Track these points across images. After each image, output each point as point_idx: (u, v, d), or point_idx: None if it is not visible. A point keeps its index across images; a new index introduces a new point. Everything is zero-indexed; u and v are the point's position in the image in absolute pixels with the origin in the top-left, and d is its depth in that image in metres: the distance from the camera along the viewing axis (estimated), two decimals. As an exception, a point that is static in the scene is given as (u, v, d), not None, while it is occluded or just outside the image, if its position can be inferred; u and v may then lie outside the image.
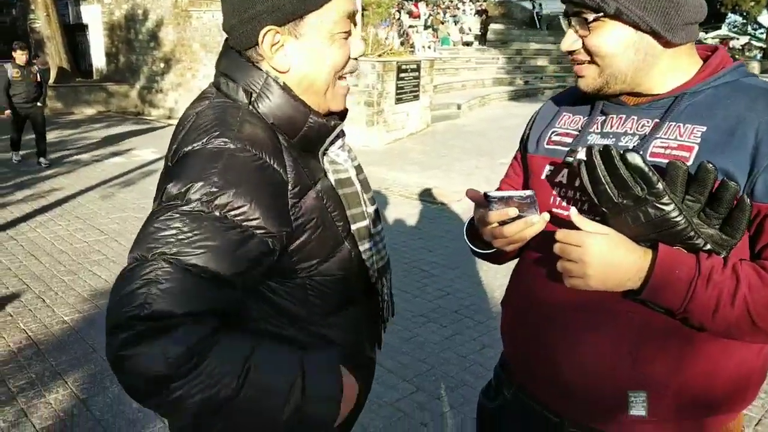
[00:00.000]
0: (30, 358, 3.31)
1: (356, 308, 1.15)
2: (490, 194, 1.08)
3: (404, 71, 10.42)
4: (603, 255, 0.95)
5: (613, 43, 1.03)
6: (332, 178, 1.09)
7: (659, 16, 1.00)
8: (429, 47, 13.70)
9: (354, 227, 1.10)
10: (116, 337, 0.86)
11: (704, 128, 1.01)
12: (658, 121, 1.06)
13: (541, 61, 18.66)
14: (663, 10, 1.00)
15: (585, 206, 1.08)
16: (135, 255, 0.90)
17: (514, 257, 1.31)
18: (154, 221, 0.91)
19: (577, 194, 1.11)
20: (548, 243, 1.08)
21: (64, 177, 7.70)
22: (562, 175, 1.15)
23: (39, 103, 8.38)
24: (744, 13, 27.80)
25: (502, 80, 16.95)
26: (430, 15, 19.50)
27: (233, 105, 1.03)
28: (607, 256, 0.95)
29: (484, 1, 23.12)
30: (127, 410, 2.85)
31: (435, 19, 19.56)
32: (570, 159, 1.12)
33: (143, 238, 0.91)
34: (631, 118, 1.10)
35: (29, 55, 8.42)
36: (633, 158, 0.93)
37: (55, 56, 14.70)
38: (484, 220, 1.12)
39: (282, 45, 1.02)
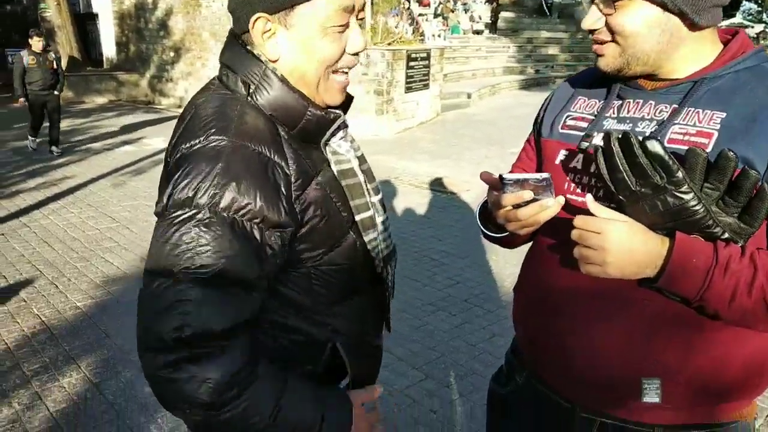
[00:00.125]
0: (44, 343, 3.36)
1: (361, 297, 1.15)
2: (506, 176, 1.06)
3: (414, 60, 10.37)
4: (622, 243, 0.94)
5: (639, 23, 1.00)
6: (334, 168, 1.08)
7: None
8: (439, 36, 13.59)
9: (358, 218, 1.09)
10: (157, 358, 0.88)
11: (724, 114, 0.99)
12: (676, 106, 1.04)
13: (552, 50, 18.50)
14: None
15: (600, 193, 1.07)
16: (159, 275, 0.89)
17: (526, 241, 1.30)
18: (169, 237, 0.90)
19: (592, 180, 1.10)
20: (562, 229, 1.07)
21: (76, 165, 7.76)
22: (577, 161, 1.13)
23: (56, 92, 8.29)
24: (759, 1, 27.38)
25: (513, 69, 16.83)
26: (440, 3, 19.34)
27: (232, 97, 1.02)
28: (626, 243, 0.94)
29: (495, -11, 22.89)
30: (140, 395, 2.88)
31: (445, 7, 19.39)
32: (585, 144, 1.10)
33: (162, 257, 0.90)
34: (649, 102, 1.08)
35: (45, 43, 8.31)
36: (653, 146, 0.91)
37: (65, 45, 14.75)
38: (498, 203, 1.11)
39: (274, 33, 1.00)
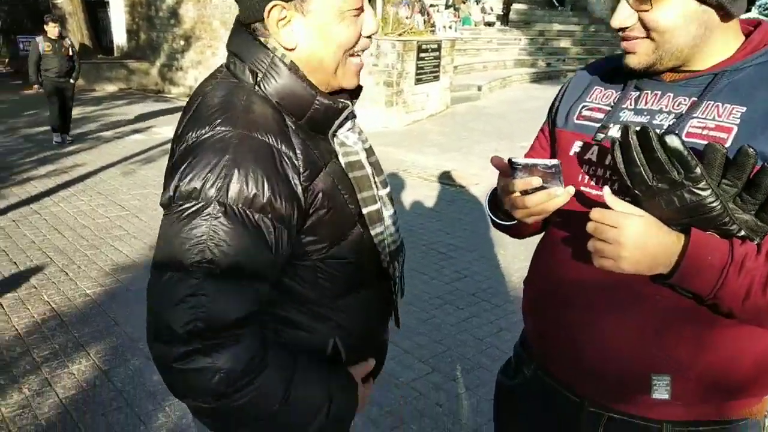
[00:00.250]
0: (54, 330, 3.39)
1: (367, 291, 1.14)
2: (515, 160, 1.05)
3: (425, 51, 10.32)
4: (638, 238, 0.93)
5: (676, 17, 0.97)
6: (342, 161, 1.07)
7: None
8: (450, 27, 13.48)
9: (365, 211, 1.08)
10: (169, 349, 0.89)
11: (744, 109, 0.97)
12: (695, 99, 1.02)
13: (564, 43, 18.34)
14: None
15: (615, 186, 1.06)
16: (169, 268, 0.90)
17: (535, 232, 1.29)
18: (179, 230, 0.90)
19: (607, 173, 1.08)
20: (575, 221, 1.06)
21: (86, 153, 7.80)
22: (592, 153, 1.12)
23: (71, 80, 8.15)
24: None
25: (524, 62, 16.71)
26: (452, -6, 19.22)
27: (239, 86, 1.00)
28: (642, 239, 0.93)
29: (507, -20, 22.68)
30: (148, 382, 2.91)
31: (456, -2, 19.26)
32: (601, 136, 1.09)
33: (173, 250, 0.90)
34: (667, 95, 1.06)
35: (61, 29, 8.14)
36: (672, 141, 0.89)
37: (76, 33, 14.78)
38: (506, 189, 1.10)
39: (289, 21, 0.98)
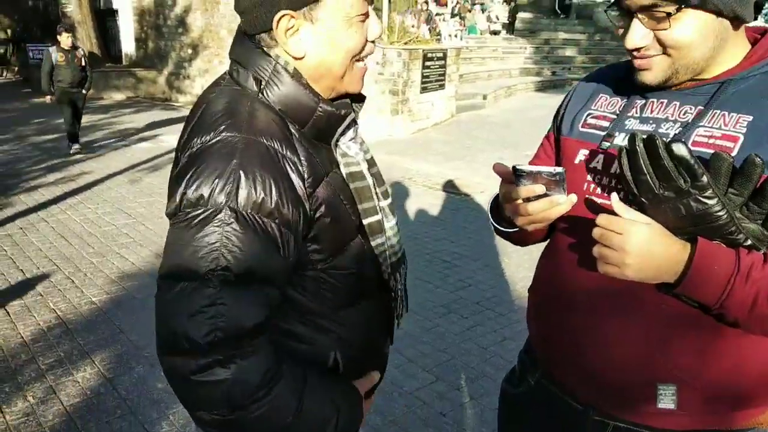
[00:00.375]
0: (59, 337, 3.41)
1: (368, 303, 1.14)
2: (519, 167, 1.04)
3: (430, 60, 10.35)
4: (643, 245, 0.92)
5: (694, 33, 0.97)
6: (343, 171, 1.07)
7: None
8: (456, 36, 13.54)
9: (366, 222, 1.08)
10: (187, 362, 0.88)
11: (751, 117, 0.97)
12: (701, 108, 1.02)
13: (570, 52, 18.35)
14: None
15: (620, 194, 1.05)
16: (181, 278, 0.89)
17: (538, 240, 1.29)
18: (189, 239, 0.89)
19: (613, 181, 1.08)
20: (580, 228, 1.06)
21: (93, 161, 7.84)
22: (598, 161, 1.11)
23: (84, 90, 8.09)
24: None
25: (529, 70, 16.73)
26: (458, 3, 19.27)
27: (243, 93, 1.01)
28: (648, 246, 0.92)
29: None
30: (152, 390, 2.91)
31: (462, 7, 19.32)
32: (606, 144, 1.09)
33: (184, 259, 0.89)
34: (673, 103, 1.06)
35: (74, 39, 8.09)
36: (679, 149, 0.89)
37: (85, 41, 14.91)
38: (509, 196, 1.09)
39: (297, 30, 0.98)
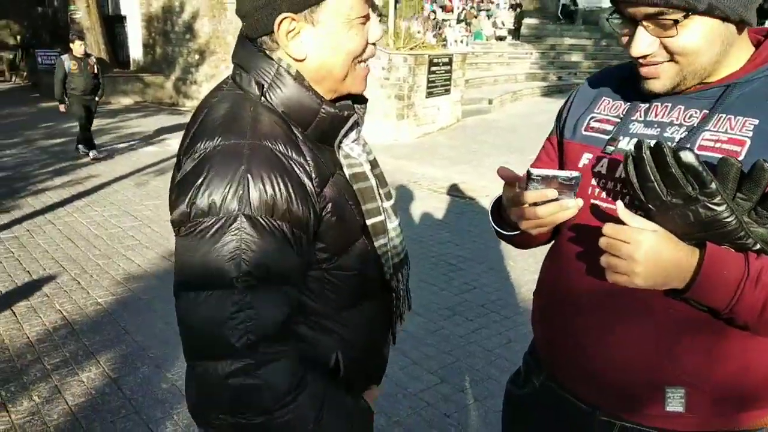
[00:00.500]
0: (65, 338, 3.42)
1: (371, 303, 1.14)
2: (533, 171, 1.01)
3: (436, 65, 10.37)
4: (652, 253, 0.91)
5: (701, 39, 0.95)
6: (347, 172, 1.07)
7: (744, 1, 0.94)
8: (461, 41, 13.56)
9: (369, 222, 1.09)
10: (221, 367, 0.90)
11: (757, 121, 0.96)
12: (707, 112, 1.01)
13: (576, 57, 18.37)
14: None
15: (626, 199, 1.04)
16: (203, 287, 0.90)
17: (541, 243, 1.29)
18: (208, 249, 0.89)
19: (618, 186, 1.07)
20: (584, 233, 1.06)
21: (100, 164, 7.89)
22: (602, 165, 1.10)
23: (97, 97, 8.06)
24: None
25: (535, 75, 16.74)
26: (464, 9, 19.31)
27: (245, 97, 1.01)
28: (657, 254, 0.91)
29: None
30: (157, 390, 2.92)
31: (468, 13, 19.36)
32: (611, 149, 1.07)
33: (206, 270, 0.89)
34: (678, 107, 1.04)
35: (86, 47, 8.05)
36: (686, 156, 0.87)
37: (94, 47, 15.02)
38: (516, 199, 1.08)
39: (298, 32, 0.98)
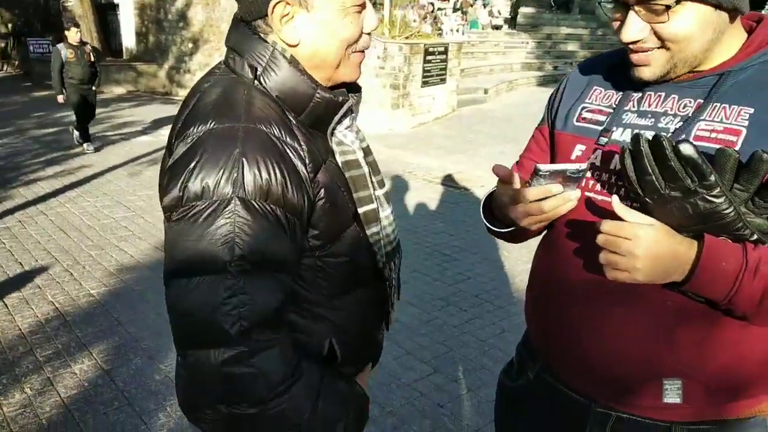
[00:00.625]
0: (57, 329, 3.40)
1: (364, 291, 1.14)
2: (541, 167, 0.98)
3: (431, 54, 10.32)
4: (652, 248, 0.91)
5: (693, 26, 0.94)
6: (339, 159, 1.06)
7: None
8: (457, 30, 13.50)
9: (361, 210, 1.08)
10: (215, 354, 0.88)
11: (752, 110, 0.95)
12: (701, 101, 1.00)
13: (572, 46, 18.29)
14: None
15: (621, 191, 1.03)
16: (196, 273, 0.88)
17: (533, 236, 1.28)
18: (201, 233, 0.88)
19: (612, 178, 1.05)
20: (579, 225, 1.05)
21: (93, 154, 7.83)
22: (596, 157, 1.09)
23: (94, 86, 7.89)
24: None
25: (531, 65, 16.68)
26: (460, -2, 19.25)
27: (239, 81, 0.99)
28: (656, 249, 0.91)
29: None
30: (150, 381, 2.91)
31: (464, 2, 19.25)
32: (604, 140, 1.06)
33: (198, 254, 0.88)
34: (672, 96, 1.03)
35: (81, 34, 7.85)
36: (686, 149, 0.87)
37: (86, 35, 14.84)
38: (519, 197, 1.05)
39: (292, 17, 0.97)
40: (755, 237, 0.91)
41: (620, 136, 1.06)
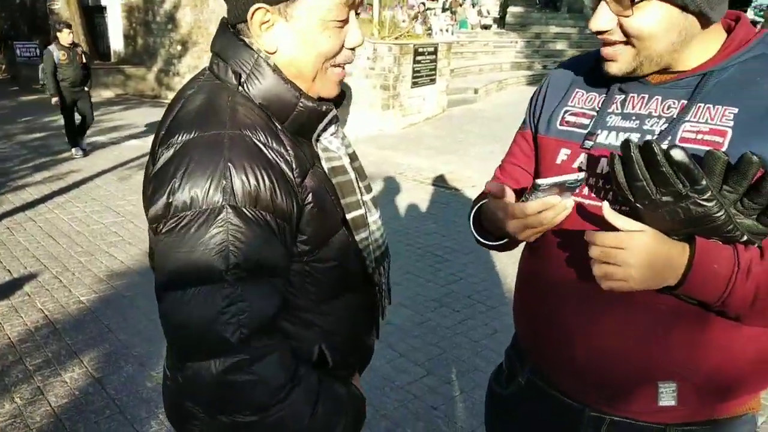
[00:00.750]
0: (47, 337, 3.37)
1: (353, 296, 1.13)
2: (540, 182, 0.97)
3: (421, 54, 10.32)
4: (646, 255, 0.91)
5: (657, 24, 0.95)
6: (325, 166, 1.06)
7: None
8: (447, 30, 13.51)
9: (349, 216, 1.07)
10: (216, 363, 0.88)
11: (736, 110, 0.95)
12: (685, 102, 1.00)
13: (561, 45, 18.35)
14: None
15: (609, 195, 1.03)
16: (191, 284, 0.88)
17: (523, 242, 1.28)
18: (194, 244, 0.87)
19: (600, 182, 1.05)
20: (566, 225, 1.05)
21: (81, 159, 7.77)
22: (581, 162, 1.08)
23: (86, 88, 7.78)
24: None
25: (520, 64, 16.74)
26: (448, -3, 19.26)
27: (223, 87, 0.99)
28: (650, 255, 0.91)
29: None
30: (141, 389, 2.89)
31: (453, 1, 19.28)
32: (590, 144, 1.06)
33: (193, 265, 0.87)
34: (655, 98, 1.03)
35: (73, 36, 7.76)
36: (677, 154, 0.86)
37: (74, 38, 14.78)
38: (517, 212, 1.03)
39: (272, 25, 0.97)
40: (745, 238, 0.91)
41: (605, 139, 1.06)
